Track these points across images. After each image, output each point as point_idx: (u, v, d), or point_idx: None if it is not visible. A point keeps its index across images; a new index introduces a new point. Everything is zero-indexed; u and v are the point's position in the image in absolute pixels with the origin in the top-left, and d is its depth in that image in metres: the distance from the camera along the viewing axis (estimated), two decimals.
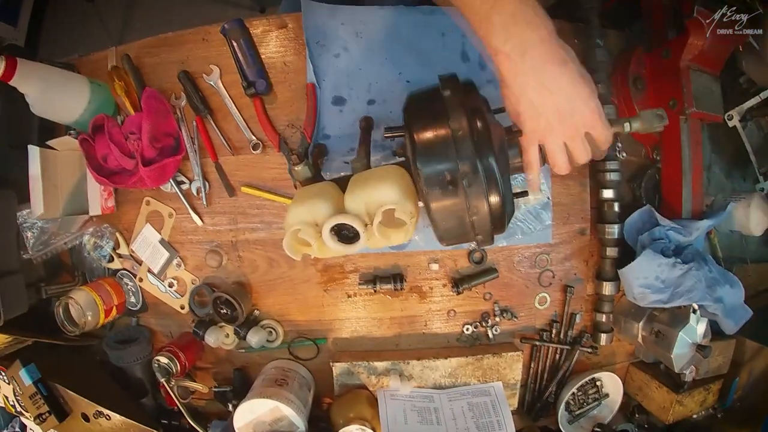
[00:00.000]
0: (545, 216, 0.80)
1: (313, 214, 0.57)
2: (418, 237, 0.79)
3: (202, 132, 0.80)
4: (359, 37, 0.77)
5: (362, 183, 0.58)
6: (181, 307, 0.84)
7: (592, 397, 0.89)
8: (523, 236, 0.80)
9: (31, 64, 0.70)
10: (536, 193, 0.78)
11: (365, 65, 0.77)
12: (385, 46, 0.77)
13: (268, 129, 0.78)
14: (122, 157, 0.74)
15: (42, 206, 0.74)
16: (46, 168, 0.75)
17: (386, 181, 0.56)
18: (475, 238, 0.56)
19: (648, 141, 0.84)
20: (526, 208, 0.80)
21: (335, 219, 0.55)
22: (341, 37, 0.77)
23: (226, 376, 0.86)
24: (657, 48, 0.78)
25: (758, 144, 0.91)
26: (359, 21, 0.77)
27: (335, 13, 0.77)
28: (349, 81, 0.77)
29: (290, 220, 0.59)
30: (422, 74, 0.77)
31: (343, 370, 0.79)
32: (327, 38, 0.77)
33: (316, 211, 0.57)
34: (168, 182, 0.80)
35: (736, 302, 0.77)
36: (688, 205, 0.77)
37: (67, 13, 2.05)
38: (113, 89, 0.76)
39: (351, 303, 0.82)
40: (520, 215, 0.80)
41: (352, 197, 0.57)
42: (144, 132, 0.73)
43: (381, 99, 0.77)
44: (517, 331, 0.85)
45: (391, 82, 0.77)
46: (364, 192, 0.56)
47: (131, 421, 0.77)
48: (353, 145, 0.76)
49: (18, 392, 0.76)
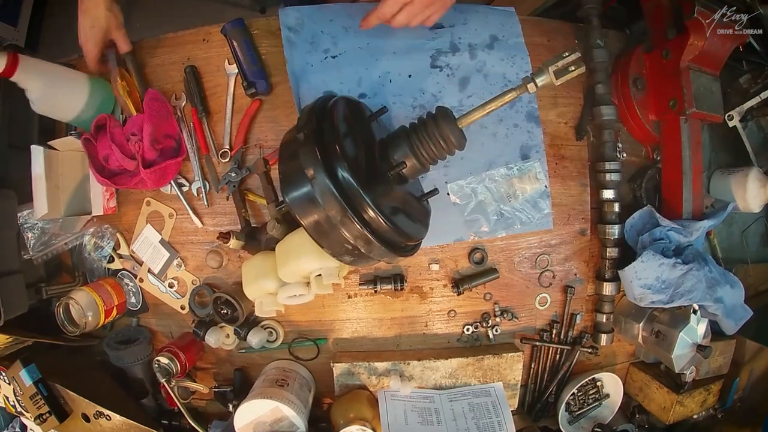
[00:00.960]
0: (543, 204, 0.80)
1: (263, 289, 0.72)
2: None
3: (199, 133, 0.80)
4: (348, 32, 0.77)
5: (285, 258, 0.68)
6: (181, 307, 0.84)
7: (593, 398, 0.89)
8: (522, 226, 0.80)
9: (33, 60, 0.70)
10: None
11: (355, 60, 0.77)
12: (374, 39, 0.77)
13: (239, 140, 0.79)
14: (123, 158, 0.74)
15: (46, 206, 0.74)
16: (48, 168, 0.75)
17: (303, 254, 0.65)
18: (366, 251, 0.55)
19: (648, 141, 0.84)
20: (524, 198, 0.80)
21: (283, 293, 0.70)
22: (330, 33, 0.77)
23: (227, 377, 0.86)
24: (657, 48, 0.78)
25: (758, 144, 0.91)
26: (347, 15, 0.77)
27: (322, 10, 0.77)
28: (339, 75, 0.77)
29: (250, 296, 0.74)
30: (412, 67, 0.78)
31: (344, 370, 0.79)
32: (315, 35, 0.77)
33: (265, 287, 0.72)
34: (168, 184, 0.80)
35: (736, 302, 0.77)
36: (688, 205, 0.77)
37: (67, 13, 2.04)
38: (116, 89, 0.77)
39: (351, 303, 0.82)
40: (518, 205, 0.80)
41: (283, 272, 0.69)
42: (145, 134, 0.73)
43: (372, 93, 0.77)
44: (518, 332, 0.85)
45: (382, 75, 0.77)
46: (289, 267, 0.67)
47: (131, 421, 0.77)
48: None
49: (18, 392, 0.76)
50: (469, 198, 0.79)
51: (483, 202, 0.79)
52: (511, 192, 0.79)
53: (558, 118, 0.82)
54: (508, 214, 0.80)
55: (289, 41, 0.76)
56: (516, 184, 0.79)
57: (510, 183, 0.79)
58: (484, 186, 0.79)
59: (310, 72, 0.77)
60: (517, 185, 0.79)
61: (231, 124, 0.80)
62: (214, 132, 0.80)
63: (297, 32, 0.77)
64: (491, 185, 0.79)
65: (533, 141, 0.79)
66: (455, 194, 0.79)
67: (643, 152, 0.86)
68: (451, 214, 0.79)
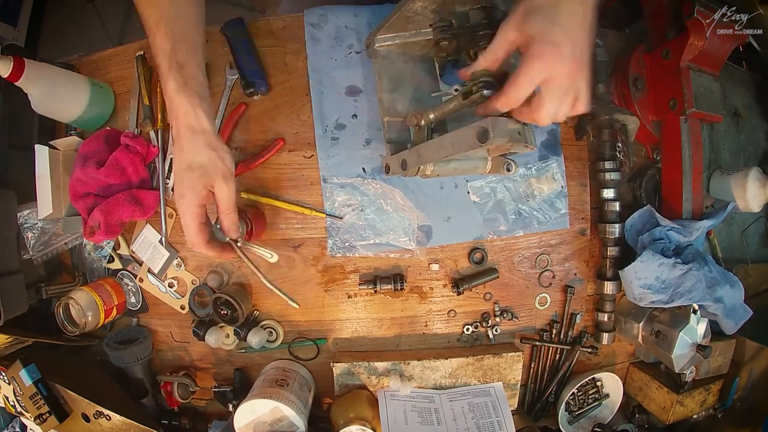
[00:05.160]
0: (560, 204, 0.81)
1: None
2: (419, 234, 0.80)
3: None
4: (372, 29, 0.77)
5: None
6: (181, 307, 0.84)
7: (593, 398, 0.89)
8: (540, 225, 0.81)
9: (37, 65, 0.71)
10: (554, 185, 0.80)
11: None
12: None
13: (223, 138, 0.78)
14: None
15: (51, 206, 0.75)
16: (51, 168, 0.75)
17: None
18: None
19: (648, 141, 0.84)
20: (542, 198, 0.81)
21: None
22: (354, 28, 0.77)
23: (227, 377, 0.86)
24: (657, 48, 0.78)
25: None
26: (371, 12, 0.77)
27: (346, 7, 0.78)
28: (364, 71, 0.77)
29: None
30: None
31: (344, 370, 0.79)
32: (339, 31, 0.77)
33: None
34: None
35: (736, 302, 0.77)
36: (688, 205, 0.77)
37: (67, 13, 2.05)
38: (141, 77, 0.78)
39: (351, 303, 0.82)
40: (536, 205, 0.81)
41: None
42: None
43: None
44: (518, 332, 0.85)
45: None
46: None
47: (131, 421, 0.77)
48: (368, 135, 0.78)
49: (18, 392, 0.76)
50: (488, 197, 0.80)
51: (502, 201, 0.80)
52: (529, 192, 0.80)
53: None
54: (525, 214, 0.81)
55: (312, 37, 0.77)
56: (534, 184, 0.80)
57: (528, 183, 0.80)
58: (503, 185, 0.80)
59: (333, 67, 0.77)
60: (535, 185, 0.80)
61: (220, 127, 0.79)
62: None
63: (320, 28, 0.77)
64: (510, 185, 0.80)
65: (553, 141, 0.81)
66: (475, 193, 0.80)
67: (643, 152, 0.86)
68: (471, 213, 0.80)
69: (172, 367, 0.87)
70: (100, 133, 0.78)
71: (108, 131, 0.79)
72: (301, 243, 0.81)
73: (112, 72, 0.84)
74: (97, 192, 0.75)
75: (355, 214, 0.79)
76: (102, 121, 0.83)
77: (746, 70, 0.99)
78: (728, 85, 0.92)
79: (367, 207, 0.79)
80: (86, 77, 0.79)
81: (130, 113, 0.82)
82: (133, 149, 0.76)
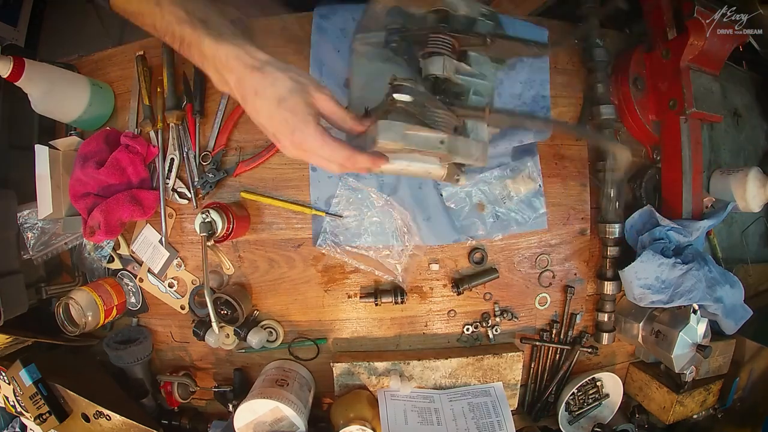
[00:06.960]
0: (538, 204, 0.80)
1: None
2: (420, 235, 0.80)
3: (191, 131, 0.80)
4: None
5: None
6: (181, 307, 0.84)
7: (593, 398, 0.89)
8: (519, 226, 0.80)
9: (37, 65, 0.71)
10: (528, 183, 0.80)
11: None
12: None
13: (220, 142, 0.79)
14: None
15: (51, 206, 0.75)
16: (51, 168, 0.75)
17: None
18: None
19: (648, 141, 0.84)
20: (519, 198, 0.80)
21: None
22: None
23: (227, 377, 0.86)
24: (657, 48, 0.78)
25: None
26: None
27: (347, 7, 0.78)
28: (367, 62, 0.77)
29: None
30: None
31: (344, 370, 0.79)
32: (347, 22, 0.77)
33: None
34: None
35: (736, 302, 0.77)
36: (688, 205, 0.77)
37: (67, 13, 2.05)
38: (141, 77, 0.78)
39: (351, 303, 0.82)
40: (513, 206, 0.80)
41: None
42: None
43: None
44: (518, 332, 0.85)
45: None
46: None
47: (131, 421, 0.77)
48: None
49: (18, 392, 0.76)
50: (463, 202, 0.79)
51: (478, 206, 0.79)
52: (506, 193, 0.79)
53: (558, 118, 0.82)
54: (503, 216, 0.80)
55: (319, 28, 0.77)
56: (510, 186, 0.79)
57: (504, 185, 0.79)
58: (478, 189, 0.79)
59: (336, 59, 0.77)
60: (511, 186, 0.79)
61: (220, 126, 0.80)
62: (204, 136, 0.80)
63: (329, 18, 0.77)
64: (485, 188, 0.79)
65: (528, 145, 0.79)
66: (450, 200, 0.79)
67: (643, 152, 0.86)
68: (448, 219, 0.79)
69: (172, 367, 0.87)
70: (100, 133, 0.78)
71: (108, 131, 0.79)
72: (301, 243, 0.81)
73: (112, 72, 0.84)
74: (97, 192, 0.75)
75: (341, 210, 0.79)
76: (102, 121, 0.83)
77: (746, 70, 0.99)
78: (728, 85, 0.92)
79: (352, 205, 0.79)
80: (86, 77, 0.79)
81: (130, 113, 0.82)
82: (133, 149, 0.76)
